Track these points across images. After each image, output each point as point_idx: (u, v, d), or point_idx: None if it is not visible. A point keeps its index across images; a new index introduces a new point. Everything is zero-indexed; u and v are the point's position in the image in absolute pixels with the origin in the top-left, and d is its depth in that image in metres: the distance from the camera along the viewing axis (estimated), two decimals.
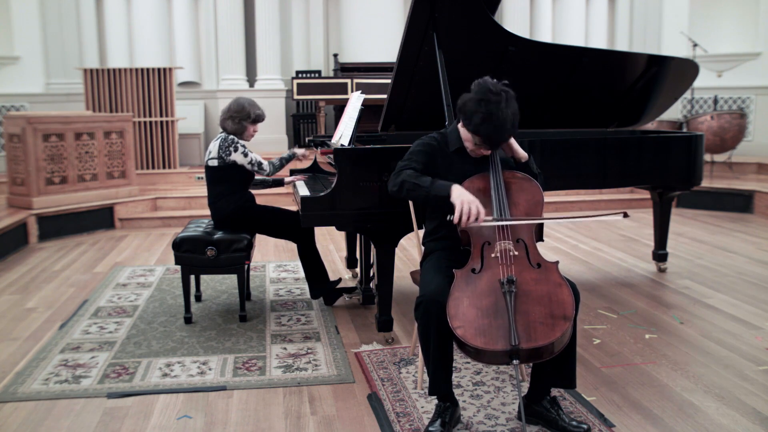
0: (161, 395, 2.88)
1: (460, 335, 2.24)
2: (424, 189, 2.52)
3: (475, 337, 2.22)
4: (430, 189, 2.51)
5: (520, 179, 2.62)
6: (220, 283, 4.56)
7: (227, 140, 3.76)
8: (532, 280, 2.35)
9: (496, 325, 2.24)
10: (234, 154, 3.74)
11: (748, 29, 8.84)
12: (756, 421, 2.60)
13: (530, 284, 2.34)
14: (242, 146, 3.76)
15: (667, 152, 4.23)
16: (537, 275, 2.37)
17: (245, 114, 3.81)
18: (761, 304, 4.01)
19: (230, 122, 3.82)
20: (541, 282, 2.35)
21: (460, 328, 2.26)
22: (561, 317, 2.26)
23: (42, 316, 3.93)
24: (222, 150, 3.74)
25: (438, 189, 2.49)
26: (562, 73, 4.22)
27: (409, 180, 2.56)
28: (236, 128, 3.83)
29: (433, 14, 3.54)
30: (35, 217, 5.90)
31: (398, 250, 3.99)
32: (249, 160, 3.77)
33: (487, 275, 2.38)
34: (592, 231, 6.20)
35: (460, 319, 2.27)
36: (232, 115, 3.82)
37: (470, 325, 2.25)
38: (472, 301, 2.31)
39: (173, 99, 7.84)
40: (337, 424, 2.63)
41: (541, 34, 9.51)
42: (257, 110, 3.87)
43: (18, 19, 8.24)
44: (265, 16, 8.88)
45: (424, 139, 2.75)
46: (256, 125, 3.90)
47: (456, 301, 2.32)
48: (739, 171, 7.95)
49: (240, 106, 3.82)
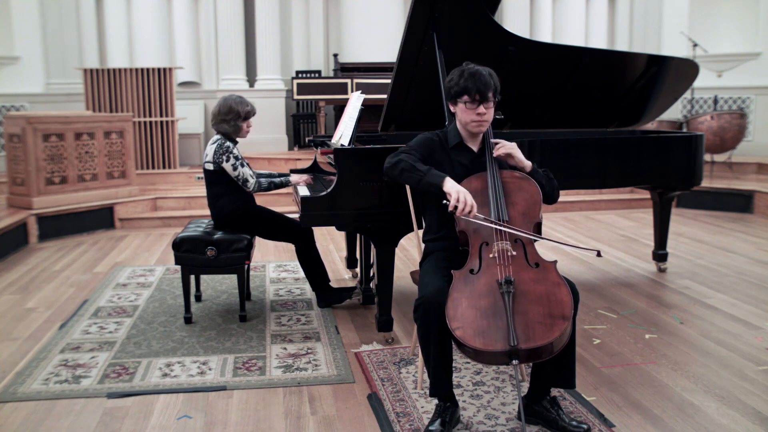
0: (161, 395, 2.88)
1: (459, 336, 2.24)
2: (420, 173, 2.57)
3: (474, 337, 2.22)
4: (425, 174, 2.56)
5: (518, 179, 2.62)
6: (220, 283, 4.56)
7: (222, 147, 3.73)
8: (530, 279, 2.35)
9: (494, 325, 2.24)
10: (225, 163, 3.72)
11: (748, 29, 8.84)
12: (756, 421, 2.60)
13: (528, 284, 2.33)
14: (234, 158, 3.72)
15: (667, 152, 4.23)
16: (535, 275, 2.37)
17: (235, 114, 3.78)
18: (761, 304, 4.01)
19: (225, 125, 3.79)
20: (539, 282, 2.35)
21: (459, 329, 2.25)
22: (560, 317, 2.26)
23: (42, 316, 3.93)
24: (216, 155, 3.73)
25: (432, 177, 2.55)
26: (562, 73, 4.22)
27: (407, 161, 2.62)
28: (232, 129, 3.82)
29: (433, 14, 3.55)
30: (35, 217, 5.90)
31: (398, 250, 3.99)
32: (236, 174, 3.74)
33: (485, 276, 2.38)
34: (592, 231, 6.20)
35: (459, 320, 2.27)
36: (224, 119, 3.79)
37: (469, 326, 2.25)
38: (470, 302, 2.31)
39: (173, 99, 7.84)
40: (337, 424, 2.63)
41: (541, 34, 9.50)
42: (246, 107, 3.83)
43: (18, 19, 8.24)
44: (265, 16, 8.88)
45: (425, 134, 2.79)
46: (249, 121, 3.86)
47: (455, 302, 2.32)
48: (739, 171, 7.95)
49: (228, 108, 3.78)
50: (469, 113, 2.61)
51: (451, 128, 2.75)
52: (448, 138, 2.74)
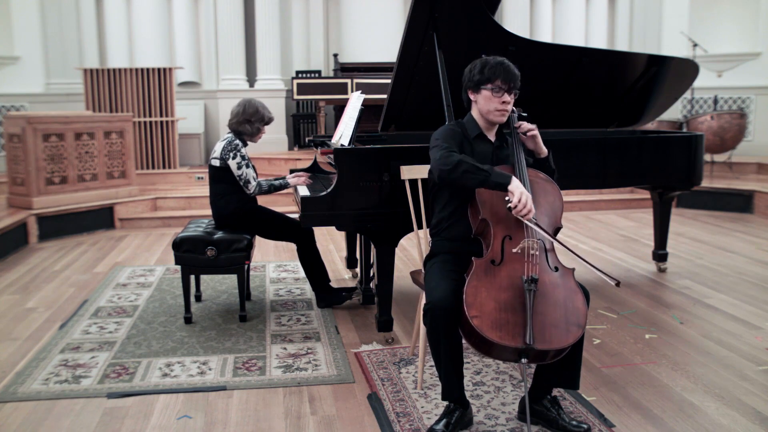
0: (161, 395, 2.88)
1: (476, 325, 2.22)
2: (485, 173, 2.44)
3: (491, 329, 2.21)
4: (491, 174, 2.44)
5: (543, 180, 2.61)
6: (220, 283, 4.56)
7: (231, 144, 3.77)
8: (551, 282, 2.35)
9: (513, 321, 2.23)
10: (231, 160, 3.74)
11: (748, 29, 8.84)
12: (756, 421, 2.60)
13: (549, 287, 2.33)
14: (241, 157, 3.75)
15: (667, 152, 4.23)
16: (555, 279, 2.37)
17: (260, 117, 3.85)
18: (761, 304, 4.01)
19: (248, 126, 3.83)
20: (559, 286, 2.35)
21: (476, 317, 2.23)
22: (575, 324, 2.27)
23: (42, 316, 3.93)
24: (224, 152, 3.76)
25: (498, 176, 2.44)
26: (562, 73, 4.22)
27: (468, 162, 2.47)
28: (251, 131, 3.86)
29: (433, 14, 3.54)
30: (35, 217, 5.90)
31: (398, 250, 3.99)
32: (240, 173, 3.76)
33: (506, 269, 2.36)
34: (592, 231, 6.20)
35: (477, 309, 2.25)
36: (248, 119, 3.83)
37: (487, 316, 2.24)
38: (490, 293, 2.29)
39: (173, 99, 7.84)
40: (337, 424, 2.63)
41: (541, 34, 9.50)
42: (269, 113, 3.93)
43: (18, 19, 8.24)
44: (265, 16, 8.88)
45: (447, 126, 2.72)
46: (265, 128, 3.95)
47: (474, 290, 2.29)
48: (739, 171, 7.95)
49: (254, 109, 3.84)
50: (494, 101, 2.59)
51: (468, 120, 2.71)
52: (468, 129, 2.70)
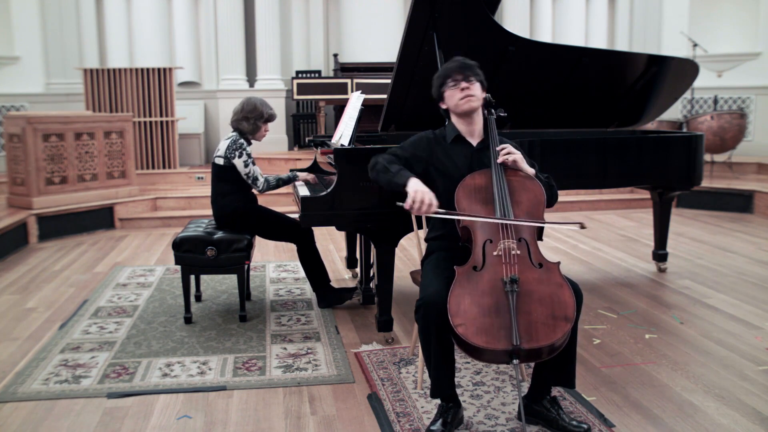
0: (161, 395, 2.88)
1: (461, 333, 2.23)
2: (390, 174, 2.63)
3: (476, 335, 2.22)
4: (394, 175, 2.60)
5: (522, 178, 2.60)
6: (220, 283, 4.56)
7: (236, 143, 3.77)
8: (534, 280, 2.35)
9: (497, 324, 2.24)
10: (237, 159, 3.75)
11: (748, 29, 8.84)
12: (756, 421, 2.60)
13: (532, 284, 2.33)
14: (247, 155, 3.76)
15: (667, 152, 4.23)
16: (539, 275, 2.37)
17: (259, 114, 3.83)
18: (761, 304, 4.01)
19: (245, 123, 3.83)
20: (543, 282, 2.34)
21: (461, 326, 2.25)
22: (562, 318, 2.26)
23: (42, 316, 3.93)
24: (229, 151, 3.76)
25: (399, 177, 2.58)
26: (562, 73, 4.22)
27: (382, 163, 2.70)
28: (251, 129, 3.85)
29: (433, 14, 3.55)
30: (35, 217, 5.90)
31: (398, 250, 3.99)
32: (247, 171, 3.77)
33: (488, 273, 2.37)
34: (593, 231, 6.20)
35: (462, 317, 2.26)
36: (246, 116, 3.83)
37: (471, 323, 2.25)
38: (473, 299, 2.30)
39: (173, 99, 7.84)
40: (337, 424, 2.63)
41: (541, 34, 9.50)
42: (269, 110, 3.90)
43: (18, 19, 8.24)
44: (265, 16, 8.88)
45: (420, 133, 2.82)
46: (268, 125, 3.92)
47: (457, 299, 2.31)
48: (739, 171, 7.95)
49: (253, 106, 3.83)
50: (455, 93, 2.64)
51: (448, 125, 2.78)
52: (446, 134, 2.76)
